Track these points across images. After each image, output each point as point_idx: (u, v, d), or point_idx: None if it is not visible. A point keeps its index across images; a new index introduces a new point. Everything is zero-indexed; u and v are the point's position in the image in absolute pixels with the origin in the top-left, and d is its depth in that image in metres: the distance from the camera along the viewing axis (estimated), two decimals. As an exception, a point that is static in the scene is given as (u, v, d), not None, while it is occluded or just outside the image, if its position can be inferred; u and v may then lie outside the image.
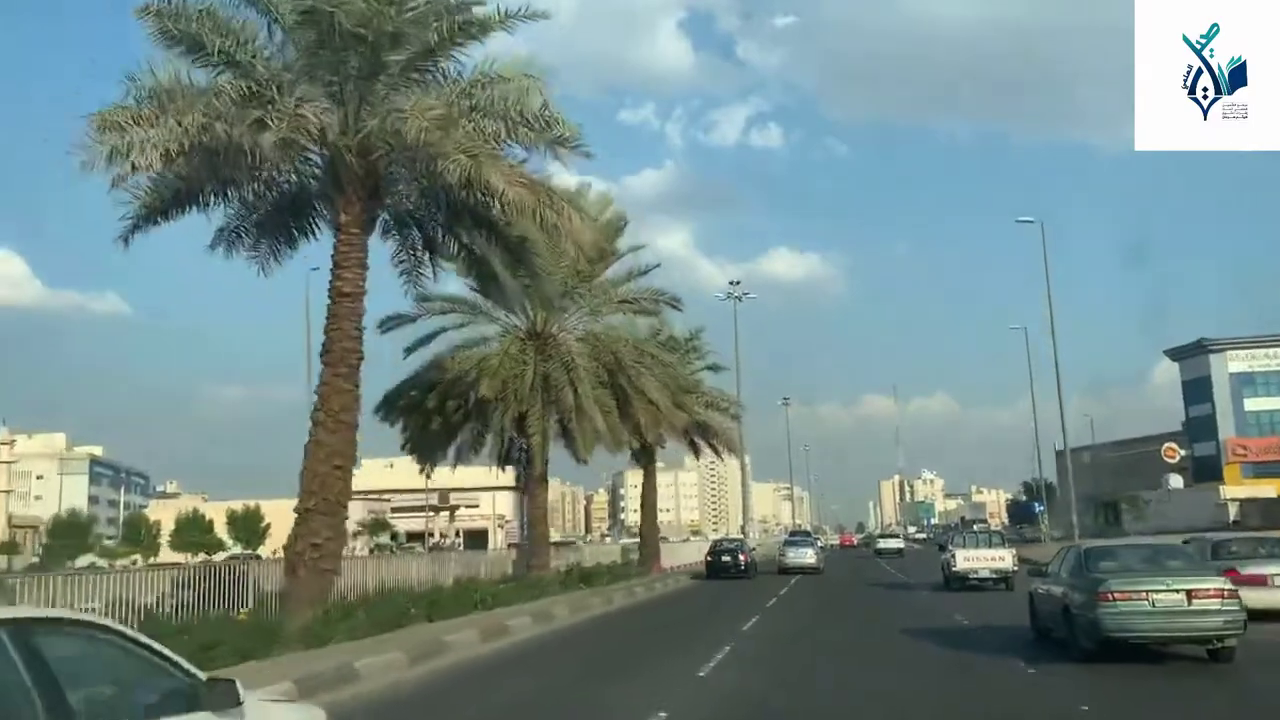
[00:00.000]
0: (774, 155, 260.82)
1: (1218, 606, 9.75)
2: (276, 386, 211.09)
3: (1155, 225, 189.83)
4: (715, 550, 33.74)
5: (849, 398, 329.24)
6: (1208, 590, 9.85)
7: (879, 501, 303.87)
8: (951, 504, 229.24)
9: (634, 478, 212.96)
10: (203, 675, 3.76)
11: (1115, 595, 9.85)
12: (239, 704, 3.69)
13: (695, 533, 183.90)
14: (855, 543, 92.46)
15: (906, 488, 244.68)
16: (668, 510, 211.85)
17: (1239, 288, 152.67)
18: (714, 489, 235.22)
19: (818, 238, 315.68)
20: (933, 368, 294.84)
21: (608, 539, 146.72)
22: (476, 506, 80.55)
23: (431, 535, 75.89)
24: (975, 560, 22.73)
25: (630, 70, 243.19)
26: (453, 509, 79.40)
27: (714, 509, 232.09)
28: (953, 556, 23.12)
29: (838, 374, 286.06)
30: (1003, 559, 22.58)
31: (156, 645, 3.71)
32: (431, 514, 74.61)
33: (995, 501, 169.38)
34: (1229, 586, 9.98)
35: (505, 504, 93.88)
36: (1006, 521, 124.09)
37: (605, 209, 24.53)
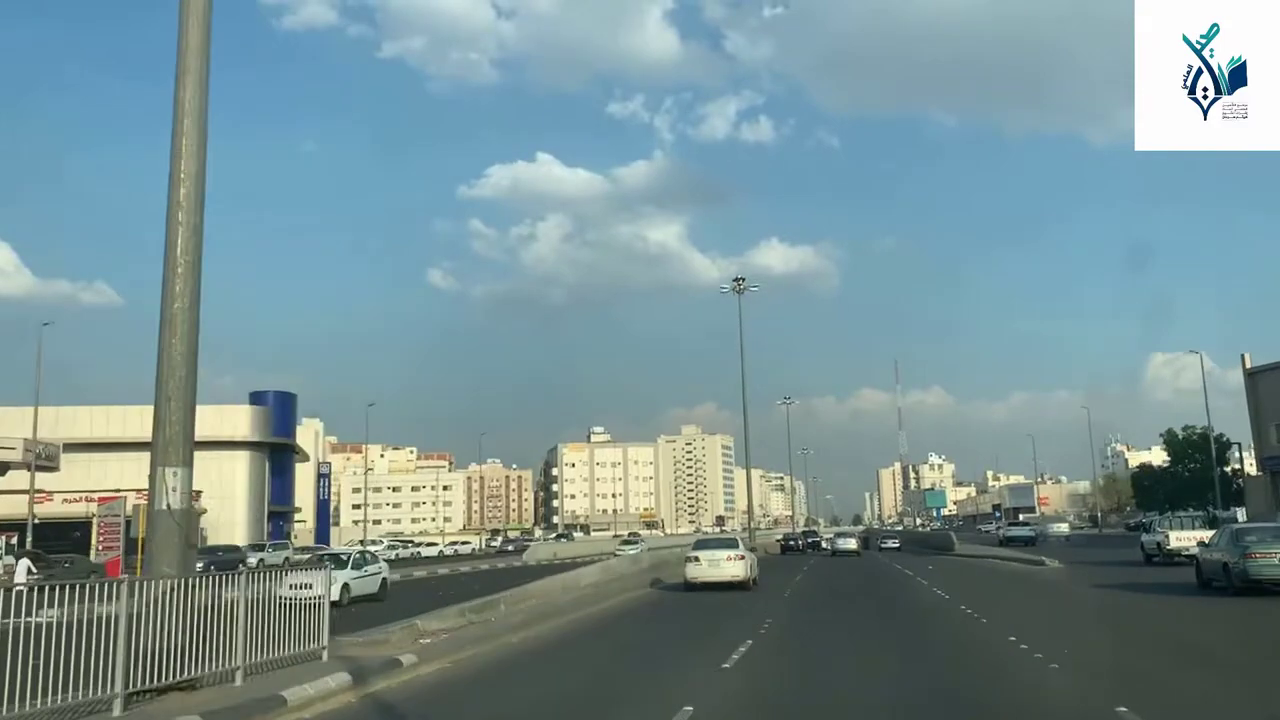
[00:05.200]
0: (765, 147, 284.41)
1: None
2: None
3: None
4: (786, 539, 72.03)
5: (844, 391, 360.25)
6: None
7: (877, 491, 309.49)
8: (966, 492, 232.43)
9: (572, 454, 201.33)
10: None
11: (1256, 554, 19.10)
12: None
13: (650, 524, 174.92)
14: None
15: (911, 474, 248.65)
16: (616, 496, 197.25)
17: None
18: (689, 472, 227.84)
19: (809, 230, 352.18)
20: (928, 362, 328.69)
21: (537, 533, 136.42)
22: (52, 469, 50.00)
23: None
24: (1185, 539, 30.85)
25: (618, 61, 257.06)
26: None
27: (689, 495, 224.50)
28: (1166, 537, 32.60)
29: (832, 368, 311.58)
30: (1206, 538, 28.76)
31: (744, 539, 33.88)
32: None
33: (1007, 484, 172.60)
34: None
35: (230, 472, 67.16)
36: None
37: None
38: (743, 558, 25.49)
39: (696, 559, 25.11)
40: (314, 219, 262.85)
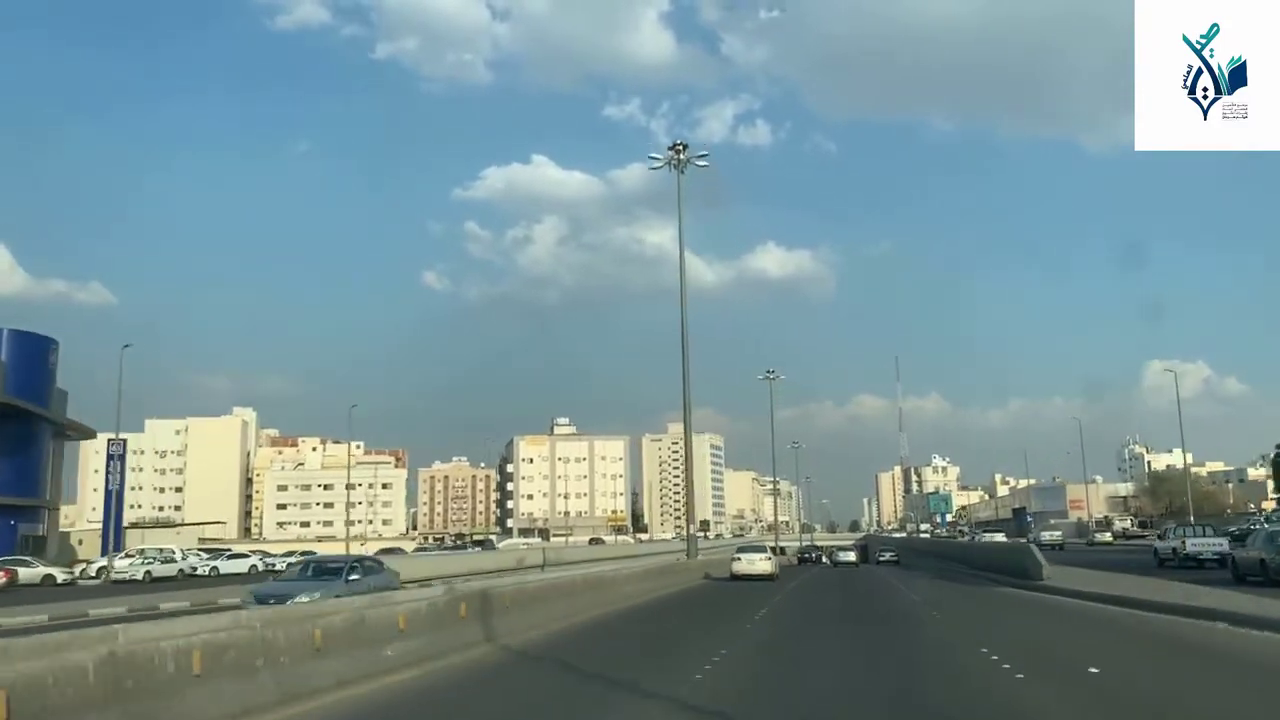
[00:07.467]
0: (761, 151, 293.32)
1: None
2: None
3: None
4: (802, 551, 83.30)
5: (841, 397, 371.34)
6: None
7: (876, 497, 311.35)
8: (974, 496, 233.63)
9: (530, 447, 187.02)
10: None
11: None
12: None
13: (620, 529, 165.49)
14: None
15: (913, 477, 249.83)
16: (580, 496, 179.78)
17: None
18: (675, 473, 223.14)
19: (806, 234, 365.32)
20: (926, 367, 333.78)
21: (493, 537, 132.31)
22: None
23: None
24: (1199, 545, 36.21)
25: (614, 63, 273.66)
26: None
27: (676, 497, 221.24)
28: (1182, 543, 36.97)
29: (829, 373, 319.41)
30: (1222, 544, 35.25)
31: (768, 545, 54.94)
32: None
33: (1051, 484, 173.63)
34: None
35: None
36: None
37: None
38: (770, 559, 38.97)
39: (739, 559, 37.99)
40: (307, 220, 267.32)
